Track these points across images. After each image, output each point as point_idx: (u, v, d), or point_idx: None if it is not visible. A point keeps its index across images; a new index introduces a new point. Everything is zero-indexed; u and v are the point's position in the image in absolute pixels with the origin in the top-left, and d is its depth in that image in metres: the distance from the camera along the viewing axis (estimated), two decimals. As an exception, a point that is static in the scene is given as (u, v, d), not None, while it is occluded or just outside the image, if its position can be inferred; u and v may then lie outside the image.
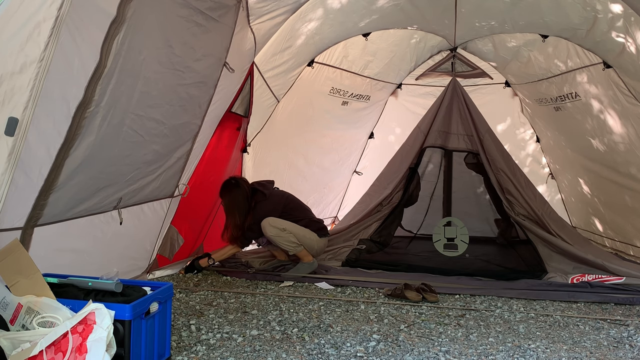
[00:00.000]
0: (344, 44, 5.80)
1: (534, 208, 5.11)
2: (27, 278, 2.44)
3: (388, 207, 5.59)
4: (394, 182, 5.61)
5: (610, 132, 5.17)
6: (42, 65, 2.42)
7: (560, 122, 5.95)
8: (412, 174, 5.65)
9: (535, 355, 2.92)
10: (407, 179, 5.64)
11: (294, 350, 2.92)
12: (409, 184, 5.65)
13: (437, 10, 5.31)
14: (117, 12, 2.76)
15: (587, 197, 6.16)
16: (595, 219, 6.09)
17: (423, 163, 5.72)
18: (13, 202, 2.57)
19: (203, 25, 3.58)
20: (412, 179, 5.66)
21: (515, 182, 5.23)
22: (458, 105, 5.60)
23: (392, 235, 5.53)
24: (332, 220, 7.33)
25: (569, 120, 5.75)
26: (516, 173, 5.32)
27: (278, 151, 5.90)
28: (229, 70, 4.18)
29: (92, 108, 2.82)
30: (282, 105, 5.59)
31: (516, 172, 5.34)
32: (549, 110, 6.02)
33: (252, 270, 4.68)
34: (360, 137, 7.19)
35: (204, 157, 4.49)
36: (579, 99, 5.33)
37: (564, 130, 6.02)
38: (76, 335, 2.21)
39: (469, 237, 5.20)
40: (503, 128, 7.00)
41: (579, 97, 5.32)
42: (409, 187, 5.66)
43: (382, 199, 5.57)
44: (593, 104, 5.25)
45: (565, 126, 5.92)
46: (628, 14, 4.03)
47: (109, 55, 2.78)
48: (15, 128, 2.39)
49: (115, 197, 3.44)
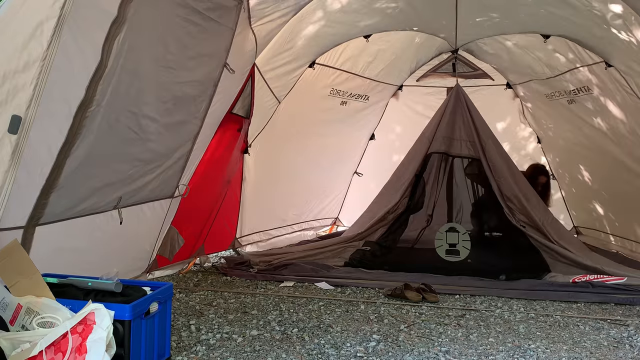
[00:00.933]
0: (344, 46, 5.80)
1: (534, 216, 5.09)
2: (26, 278, 2.44)
3: (394, 214, 5.59)
4: (400, 190, 5.61)
5: (614, 129, 5.18)
6: (45, 64, 2.43)
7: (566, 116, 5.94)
8: (418, 181, 5.64)
9: (536, 355, 2.92)
10: (413, 186, 5.64)
11: (294, 350, 2.92)
12: (415, 190, 5.65)
13: (438, 12, 5.32)
14: (118, 12, 2.77)
15: (590, 191, 6.17)
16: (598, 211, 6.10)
17: (428, 169, 5.71)
18: (15, 201, 2.57)
19: (200, 25, 3.58)
20: (417, 186, 5.65)
21: (517, 189, 5.21)
22: (461, 112, 5.61)
23: (397, 240, 5.53)
24: (332, 222, 7.33)
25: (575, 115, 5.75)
26: (518, 180, 5.31)
27: (279, 152, 5.90)
28: (230, 72, 4.18)
29: (93, 107, 2.82)
30: (283, 106, 5.59)
31: (518, 178, 5.32)
32: (555, 104, 6.01)
33: (252, 270, 4.68)
34: (361, 138, 7.19)
35: (204, 158, 4.49)
36: (589, 92, 5.33)
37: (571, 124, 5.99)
38: (76, 335, 2.21)
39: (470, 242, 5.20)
40: (503, 128, 7.01)
41: (590, 91, 5.32)
42: (414, 194, 5.66)
43: (389, 207, 5.57)
44: (596, 100, 5.26)
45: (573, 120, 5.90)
46: (628, 13, 4.03)
47: (110, 55, 2.79)
48: (18, 126, 2.40)
49: (115, 197, 3.44)
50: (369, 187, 6.40)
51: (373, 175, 6.86)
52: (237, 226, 5.58)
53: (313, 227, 6.90)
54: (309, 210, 6.79)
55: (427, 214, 5.74)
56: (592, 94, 5.28)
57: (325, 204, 7.09)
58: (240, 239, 5.62)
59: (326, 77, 5.97)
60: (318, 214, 6.99)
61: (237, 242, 5.58)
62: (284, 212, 6.37)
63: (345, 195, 7.36)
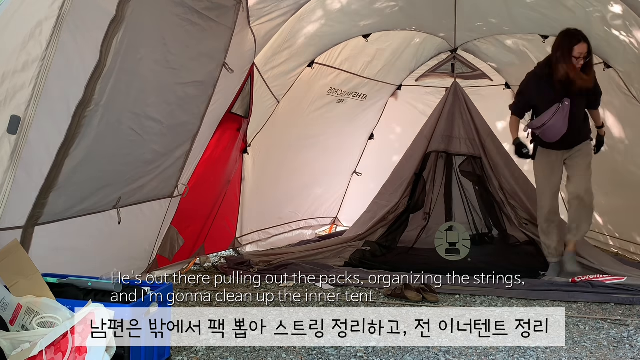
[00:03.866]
0: (344, 45, 5.80)
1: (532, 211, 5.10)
2: (26, 278, 2.44)
3: (394, 214, 5.58)
4: (400, 190, 5.60)
5: (612, 130, 5.18)
6: (44, 64, 2.42)
7: None
8: (417, 180, 5.63)
9: (536, 355, 2.91)
10: (413, 185, 5.63)
11: (294, 350, 2.92)
12: (415, 190, 5.64)
13: (437, 11, 5.32)
14: (117, 11, 2.77)
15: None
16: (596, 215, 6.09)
17: (427, 168, 5.72)
18: (14, 201, 2.57)
19: (198, 25, 3.58)
20: (417, 185, 5.64)
21: (517, 187, 5.22)
22: (460, 109, 5.61)
23: (398, 240, 5.53)
24: (332, 221, 7.33)
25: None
26: (518, 177, 5.31)
27: (278, 151, 5.90)
28: (229, 71, 4.18)
29: (92, 107, 2.82)
30: (282, 105, 5.59)
31: (518, 176, 5.32)
32: None
33: (252, 270, 4.67)
34: (360, 138, 7.19)
35: (204, 158, 4.48)
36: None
37: None
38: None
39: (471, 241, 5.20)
40: (503, 128, 6.99)
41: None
42: (414, 193, 5.65)
43: (389, 208, 5.56)
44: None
45: None
46: (628, 14, 4.03)
47: (108, 54, 2.79)
48: (17, 126, 2.39)
49: (114, 197, 3.44)
50: (369, 187, 6.40)
51: (372, 174, 6.86)
52: (237, 226, 5.58)
53: (312, 226, 6.90)
54: (308, 209, 6.78)
55: (424, 212, 5.75)
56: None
57: (325, 204, 7.09)
58: (240, 238, 5.62)
59: (325, 77, 5.97)
60: (317, 213, 7.00)
61: (237, 242, 5.58)
62: (284, 211, 6.37)
63: (344, 194, 7.36)
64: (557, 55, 4.21)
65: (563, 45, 4.21)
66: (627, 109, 4.78)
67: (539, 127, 4.32)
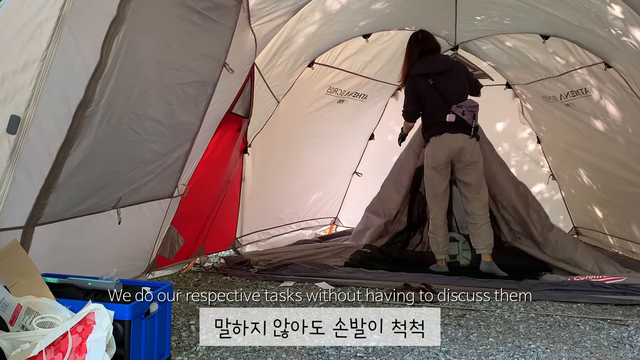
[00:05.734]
0: (344, 45, 5.80)
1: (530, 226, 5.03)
2: (26, 279, 2.43)
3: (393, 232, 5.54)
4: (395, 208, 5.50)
5: (613, 130, 5.18)
6: (44, 64, 2.42)
7: (565, 117, 5.94)
8: (414, 197, 5.58)
9: (536, 355, 2.92)
10: (410, 202, 5.58)
11: (294, 350, 2.92)
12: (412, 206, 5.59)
13: (437, 10, 5.32)
14: (117, 11, 2.76)
15: (589, 193, 6.18)
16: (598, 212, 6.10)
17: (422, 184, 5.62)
18: (14, 201, 2.56)
19: (199, 25, 3.58)
20: (414, 202, 5.59)
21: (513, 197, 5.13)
22: None
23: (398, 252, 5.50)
24: (332, 221, 7.33)
25: (574, 117, 5.75)
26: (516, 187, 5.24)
27: (278, 152, 5.90)
28: (229, 71, 4.18)
29: (93, 107, 2.82)
30: (282, 105, 5.59)
31: (515, 185, 5.25)
32: (555, 107, 6.02)
33: (252, 270, 4.68)
34: (360, 138, 7.19)
35: (204, 158, 4.48)
36: (587, 94, 5.33)
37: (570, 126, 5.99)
38: (76, 335, 2.21)
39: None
40: (503, 128, 7.01)
41: (588, 93, 5.31)
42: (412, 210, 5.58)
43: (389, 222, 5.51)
44: (596, 102, 5.26)
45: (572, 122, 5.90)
46: (628, 13, 4.03)
47: (109, 55, 2.78)
48: (17, 126, 2.39)
49: (114, 197, 3.44)
50: (369, 187, 6.40)
51: (372, 175, 6.86)
52: (237, 226, 5.58)
53: (312, 226, 6.90)
54: (308, 209, 6.79)
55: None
56: (592, 95, 5.27)
57: (325, 204, 7.09)
58: (240, 238, 5.62)
59: (325, 77, 5.97)
60: (317, 213, 7.00)
61: (237, 242, 5.58)
62: (283, 211, 6.37)
63: (344, 195, 7.36)
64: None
65: None
66: (629, 107, 4.78)
67: None
